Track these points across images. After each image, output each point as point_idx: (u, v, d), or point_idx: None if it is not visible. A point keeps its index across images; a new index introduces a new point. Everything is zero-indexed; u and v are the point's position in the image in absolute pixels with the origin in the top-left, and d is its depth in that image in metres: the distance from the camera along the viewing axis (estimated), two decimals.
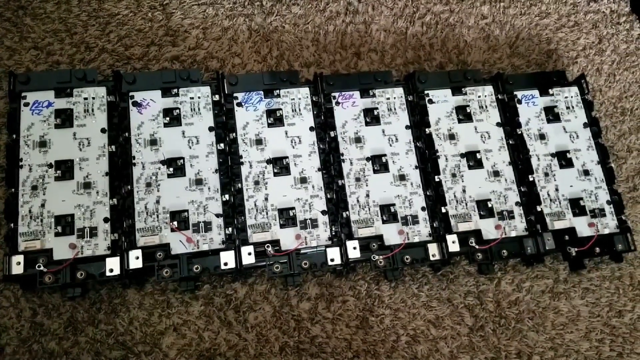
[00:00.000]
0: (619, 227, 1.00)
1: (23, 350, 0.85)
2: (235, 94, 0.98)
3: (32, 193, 0.86)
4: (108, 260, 0.84)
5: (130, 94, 0.94)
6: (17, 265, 0.82)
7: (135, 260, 0.85)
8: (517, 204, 0.98)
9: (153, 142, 0.93)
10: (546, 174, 1.01)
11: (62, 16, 1.05)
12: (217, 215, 0.90)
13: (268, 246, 0.88)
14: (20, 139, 0.89)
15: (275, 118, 0.97)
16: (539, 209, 0.98)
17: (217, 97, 0.96)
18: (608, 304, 1.00)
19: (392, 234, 0.93)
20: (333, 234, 0.92)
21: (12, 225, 0.84)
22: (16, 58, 1.00)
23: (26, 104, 0.91)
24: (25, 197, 0.86)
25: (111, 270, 0.84)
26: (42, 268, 0.82)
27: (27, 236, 0.84)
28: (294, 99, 0.99)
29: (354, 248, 0.90)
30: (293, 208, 0.92)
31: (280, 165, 0.94)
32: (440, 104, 1.03)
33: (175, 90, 0.96)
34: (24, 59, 1.01)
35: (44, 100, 0.92)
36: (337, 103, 1.00)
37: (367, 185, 0.96)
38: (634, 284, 1.03)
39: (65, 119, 0.91)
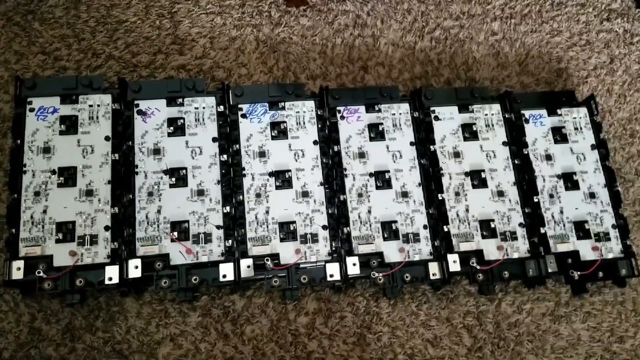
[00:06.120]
0: (624, 251, 0.98)
1: (20, 355, 0.85)
2: (240, 105, 0.98)
3: (34, 199, 0.87)
4: (107, 268, 0.84)
5: (135, 102, 0.95)
6: (18, 271, 0.82)
7: (135, 269, 0.85)
8: (520, 225, 0.97)
9: (156, 151, 0.93)
10: (551, 196, 1.00)
11: (71, 21, 1.06)
12: (218, 227, 0.90)
13: (267, 259, 0.88)
14: (25, 145, 0.89)
15: (279, 130, 0.97)
16: (542, 231, 0.97)
17: (221, 108, 0.96)
18: (609, 329, 0.99)
19: (392, 252, 0.92)
20: (333, 249, 0.91)
21: (13, 230, 0.85)
22: (23, 62, 1.01)
23: (32, 110, 0.91)
24: (27, 203, 0.87)
25: (110, 279, 0.84)
26: (41, 274, 0.82)
27: (28, 242, 0.85)
28: (298, 112, 0.99)
29: (354, 264, 0.90)
30: (294, 222, 0.92)
31: (282, 179, 0.94)
32: (446, 121, 1.02)
33: (180, 100, 0.96)
34: (31, 64, 1.01)
35: (49, 106, 0.92)
36: (342, 117, 1.00)
37: (369, 202, 0.95)
38: (637, 310, 1.01)
39: (69, 125, 0.91)
